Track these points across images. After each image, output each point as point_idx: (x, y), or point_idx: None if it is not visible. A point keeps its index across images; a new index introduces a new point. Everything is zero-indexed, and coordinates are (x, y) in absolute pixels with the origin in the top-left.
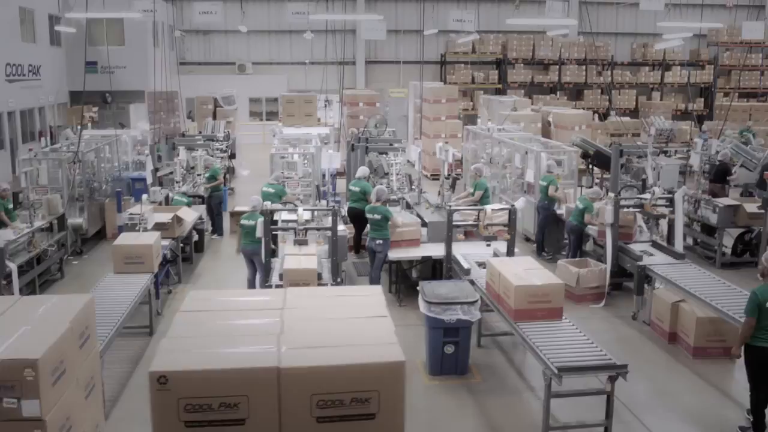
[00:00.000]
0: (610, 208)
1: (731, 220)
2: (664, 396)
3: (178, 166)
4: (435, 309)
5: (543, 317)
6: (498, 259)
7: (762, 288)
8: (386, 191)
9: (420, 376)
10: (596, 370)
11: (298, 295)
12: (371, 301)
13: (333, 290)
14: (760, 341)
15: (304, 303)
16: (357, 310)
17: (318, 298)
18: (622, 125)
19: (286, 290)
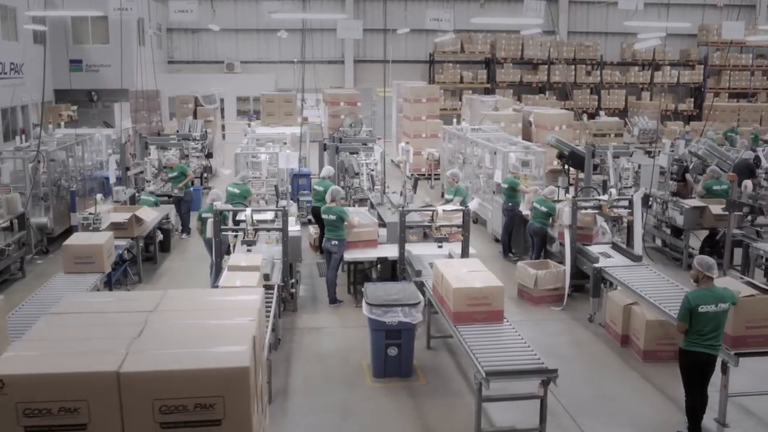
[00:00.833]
0: (568, 209)
1: (697, 222)
2: (608, 400)
3: (148, 165)
4: (376, 311)
5: (483, 320)
6: (444, 260)
7: (695, 293)
8: (341, 191)
9: (364, 378)
10: (526, 374)
11: (174, 297)
12: (245, 305)
13: (213, 292)
14: (694, 346)
15: (176, 305)
16: (227, 313)
17: (194, 301)
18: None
19: (165, 292)
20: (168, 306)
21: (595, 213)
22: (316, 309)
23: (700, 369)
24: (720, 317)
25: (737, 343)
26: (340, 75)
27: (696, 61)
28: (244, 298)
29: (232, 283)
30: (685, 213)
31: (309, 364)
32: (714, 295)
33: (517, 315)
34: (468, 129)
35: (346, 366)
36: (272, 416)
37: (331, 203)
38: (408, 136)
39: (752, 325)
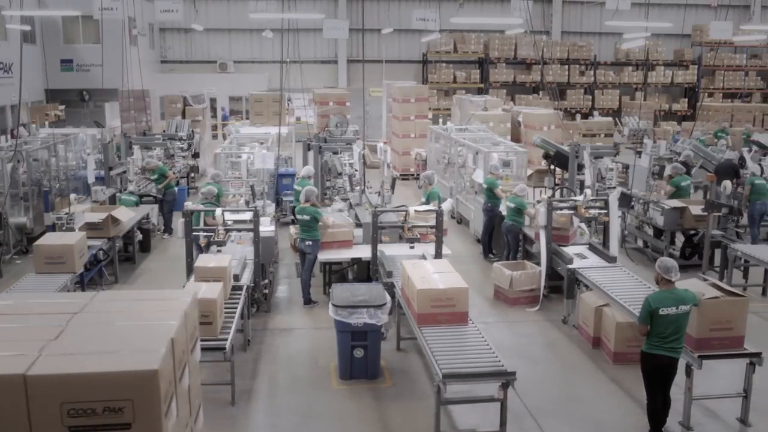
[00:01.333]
0: (543, 210)
1: (677, 223)
2: (574, 402)
3: (131, 165)
4: (341, 312)
5: (447, 321)
6: (412, 261)
7: (655, 295)
8: (315, 191)
9: (331, 380)
10: (483, 377)
11: (103, 299)
12: (171, 307)
13: (143, 294)
14: (655, 349)
15: (103, 307)
16: (151, 315)
17: (122, 302)
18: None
19: (96, 293)
20: (95, 308)
21: (571, 213)
22: (290, 310)
23: (661, 372)
24: (681, 320)
25: (701, 345)
26: (334, 75)
27: (690, 61)
28: (171, 301)
29: (198, 285)
30: (665, 214)
31: (276, 365)
32: (675, 297)
33: (491, 316)
34: (453, 129)
35: (313, 367)
36: (234, 418)
37: (305, 203)
38: (397, 136)
39: (716, 327)
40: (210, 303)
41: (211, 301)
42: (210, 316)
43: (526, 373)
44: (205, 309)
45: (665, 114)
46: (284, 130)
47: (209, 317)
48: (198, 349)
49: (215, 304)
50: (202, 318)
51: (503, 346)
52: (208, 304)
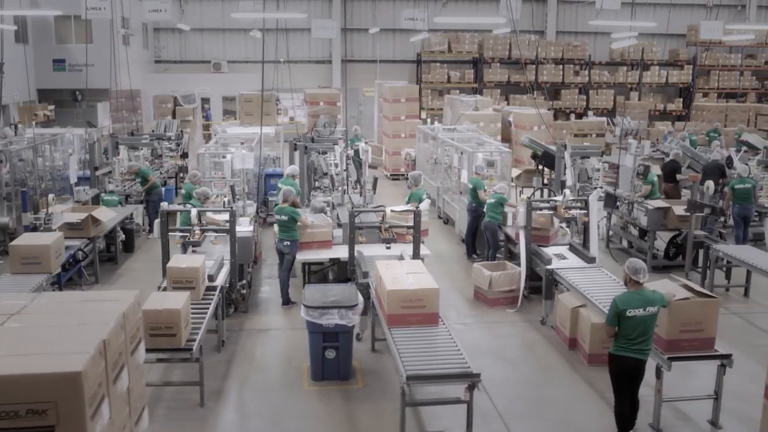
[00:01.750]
0: (523, 210)
1: (661, 223)
2: (546, 404)
3: (116, 165)
4: (312, 313)
5: (417, 322)
6: (386, 262)
7: (622, 297)
8: (293, 191)
9: (303, 381)
10: (448, 378)
11: (44, 300)
12: (110, 308)
13: (87, 295)
14: (622, 350)
15: (43, 308)
16: (89, 316)
17: (63, 304)
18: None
19: (40, 294)
20: (34, 309)
21: (551, 214)
22: (268, 310)
23: (628, 374)
24: (648, 321)
25: (672, 346)
26: (328, 75)
27: (685, 61)
28: (112, 302)
29: (164, 295)
30: (648, 214)
31: (249, 366)
32: (642, 298)
33: (470, 317)
34: (440, 129)
35: (286, 368)
36: (202, 419)
37: (283, 204)
38: (387, 136)
39: (687, 329)
40: (174, 314)
41: (174, 312)
42: (174, 327)
43: (500, 374)
44: (169, 320)
45: (660, 114)
46: (272, 130)
47: (173, 328)
48: (141, 350)
49: (179, 315)
50: (166, 329)
51: (479, 347)
52: (172, 315)
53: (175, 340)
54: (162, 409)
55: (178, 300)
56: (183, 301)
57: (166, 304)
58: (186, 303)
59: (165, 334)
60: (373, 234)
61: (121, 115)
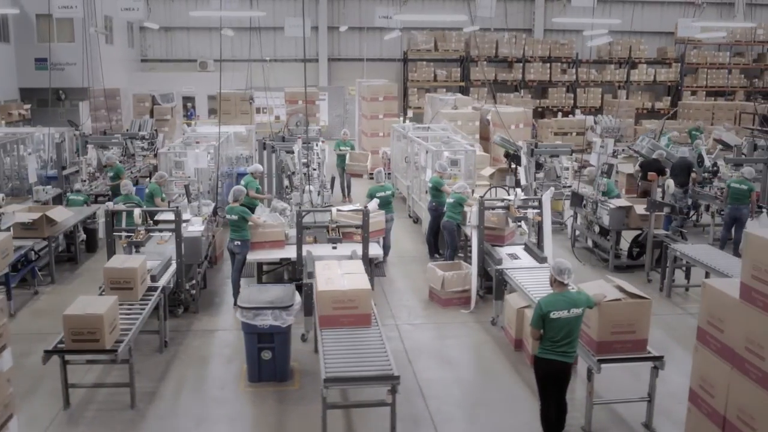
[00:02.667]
0: (476, 209)
1: (623, 222)
2: (480, 407)
3: (84, 164)
4: (247, 314)
5: (350, 323)
6: (325, 262)
7: (547, 299)
8: (243, 191)
9: (239, 382)
10: (368, 380)
11: None
12: None
13: None
14: (546, 353)
15: None
16: None
17: None
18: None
19: None
20: None
21: (504, 213)
22: (219, 311)
23: (554, 377)
24: (573, 323)
25: (603, 348)
26: (315, 73)
27: (673, 59)
28: None
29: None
30: (610, 213)
31: (189, 367)
32: (567, 300)
33: (421, 318)
34: (410, 128)
35: (226, 370)
36: (130, 421)
37: (233, 203)
38: (366, 135)
39: (618, 330)
40: (96, 319)
41: (96, 317)
42: (97, 332)
43: (440, 376)
44: (92, 325)
45: (648, 112)
46: (243, 129)
47: (96, 333)
48: (6, 356)
49: (101, 320)
50: (89, 334)
51: (424, 348)
52: (94, 319)
53: (98, 344)
54: (92, 411)
55: (102, 304)
56: (108, 305)
57: (88, 309)
58: (112, 306)
59: (87, 339)
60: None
61: (100, 114)
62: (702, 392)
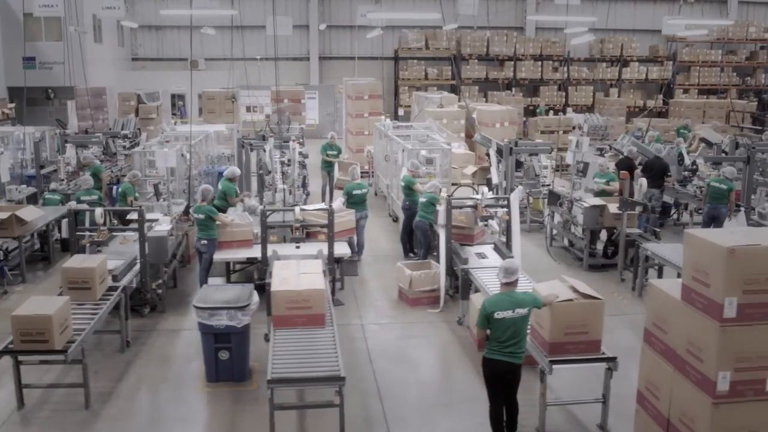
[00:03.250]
0: (443, 208)
1: (597, 221)
2: (437, 408)
3: (62, 163)
4: (202, 314)
5: (303, 323)
6: (283, 262)
7: (491, 299)
8: (211, 190)
9: (198, 383)
10: (313, 381)
11: None
12: None
13: None
14: (493, 353)
15: None
16: None
17: None
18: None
19: None
20: None
21: (472, 212)
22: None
23: (501, 378)
24: (518, 323)
25: (555, 349)
26: (306, 72)
27: (665, 57)
28: None
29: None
30: (584, 212)
31: (148, 367)
32: (511, 300)
33: (387, 317)
34: (390, 126)
35: (185, 370)
36: (83, 422)
37: (201, 203)
38: (351, 133)
39: (571, 331)
40: (44, 320)
41: (45, 318)
42: (46, 333)
43: (400, 376)
44: (41, 325)
45: (640, 110)
46: (224, 128)
47: (44, 334)
48: None
49: (50, 321)
50: (38, 335)
51: (387, 348)
52: (43, 320)
53: (47, 345)
54: (46, 412)
55: (53, 305)
56: (59, 305)
57: (37, 310)
58: (63, 307)
59: (36, 339)
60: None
61: (86, 113)
62: (648, 394)
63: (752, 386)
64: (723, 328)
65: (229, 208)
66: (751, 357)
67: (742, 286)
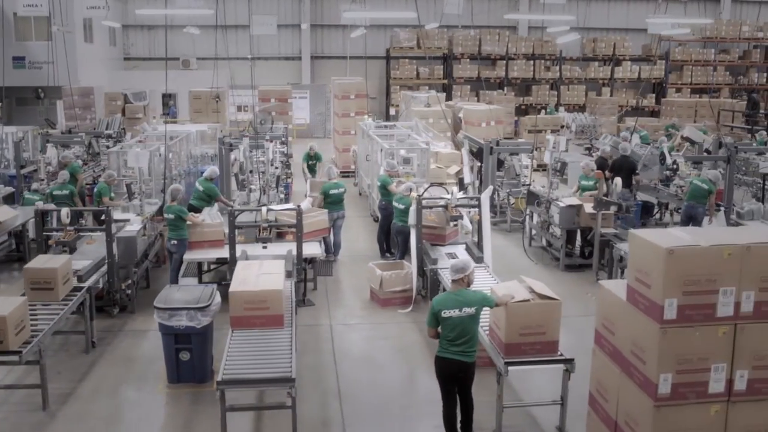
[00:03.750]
0: (414, 208)
1: (573, 221)
2: (393, 409)
3: (42, 163)
4: (162, 315)
5: (261, 324)
6: (246, 262)
7: (439, 297)
8: (181, 190)
9: (159, 383)
10: (263, 383)
11: None
12: None
13: None
14: (443, 352)
15: None
16: None
17: None
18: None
19: None
20: None
21: (443, 212)
22: None
23: (453, 377)
24: (466, 323)
25: (511, 350)
26: (298, 71)
27: (657, 56)
28: None
29: None
30: (560, 212)
31: (112, 368)
32: (459, 299)
33: (357, 318)
34: (372, 125)
35: (148, 370)
36: (39, 423)
37: (171, 203)
38: (338, 133)
39: (527, 332)
40: None
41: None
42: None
43: (362, 377)
44: None
45: (632, 110)
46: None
47: None
48: None
49: (5, 322)
50: None
51: (353, 349)
52: None
53: (1, 346)
54: (2, 413)
55: (8, 305)
56: (14, 306)
57: None
58: (19, 308)
59: None
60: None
61: (74, 112)
62: (599, 396)
63: (694, 388)
64: (663, 330)
65: (204, 208)
66: (692, 359)
67: (682, 287)
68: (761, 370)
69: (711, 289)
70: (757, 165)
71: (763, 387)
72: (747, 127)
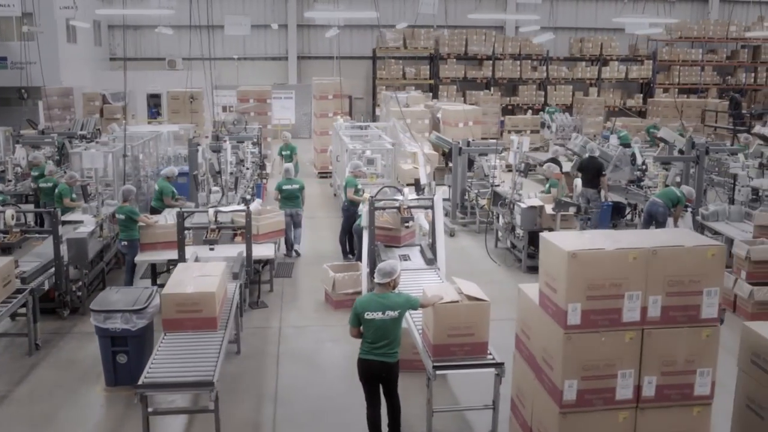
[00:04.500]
0: (366, 209)
1: (534, 222)
2: (330, 413)
3: (10, 164)
4: (97, 317)
5: (194, 327)
6: (187, 264)
7: (362, 299)
8: (133, 190)
9: (97, 386)
10: (183, 387)
11: None
12: None
13: None
14: (365, 353)
15: None
16: None
17: None
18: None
19: None
20: None
21: (397, 213)
22: None
23: (376, 378)
24: (388, 325)
25: (439, 351)
26: (284, 71)
27: (645, 56)
28: None
29: None
30: (521, 213)
31: (52, 370)
32: (383, 302)
33: (307, 320)
34: (342, 126)
35: (89, 373)
36: None
37: (123, 203)
38: (317, 133)
39: (455, 333)
40: None
41: None
42: None
43: (304, 381)
44: None
45: (619, 110)
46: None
47: None
48: None
49: None
50: None
51: (298, 352)
52: None
53: None
54: None
55: None
56: None
57: None
58: None
59: None
60: (226, 235)
61: (54, 113)
62: (518, 402)
63: (601, 395)
64: (567, 336)
65: (165, 208)
66: (598, 365)
67: (586, 292)
68: (670, 376)
69: (616, 294)
70: (728, 166)
71: (672, 393)
72: (730, 127)
